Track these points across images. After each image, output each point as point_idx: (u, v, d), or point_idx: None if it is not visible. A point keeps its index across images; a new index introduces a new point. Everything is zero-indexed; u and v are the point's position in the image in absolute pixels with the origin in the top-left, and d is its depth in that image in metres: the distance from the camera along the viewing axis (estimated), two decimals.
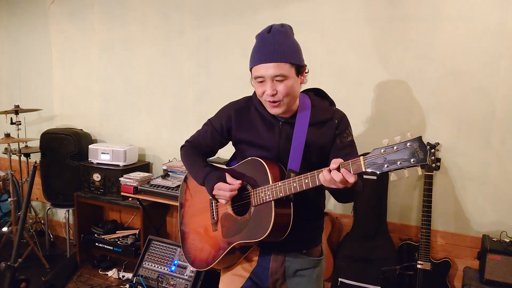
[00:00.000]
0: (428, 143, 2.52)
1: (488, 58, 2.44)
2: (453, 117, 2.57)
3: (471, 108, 2.52)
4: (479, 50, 2.46)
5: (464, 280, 2.47)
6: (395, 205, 2.78)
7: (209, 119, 1.82)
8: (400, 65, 2.66)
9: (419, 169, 1.22)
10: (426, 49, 2.58)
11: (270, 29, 1.55)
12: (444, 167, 2.60)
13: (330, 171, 1.34)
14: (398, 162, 1.21)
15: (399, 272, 2.52)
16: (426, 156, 1.17)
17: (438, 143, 2.55)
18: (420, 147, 1.18)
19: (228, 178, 1.64)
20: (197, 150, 1.82)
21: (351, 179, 1.30)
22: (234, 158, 1.86)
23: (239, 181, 1.62)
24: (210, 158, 2.78)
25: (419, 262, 2.54)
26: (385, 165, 1.23)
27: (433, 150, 2.49)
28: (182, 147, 1.87)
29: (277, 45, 1.51)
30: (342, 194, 1.53)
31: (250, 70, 1.59)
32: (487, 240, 2.44)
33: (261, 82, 1.53)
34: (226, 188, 1.61)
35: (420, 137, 1.20)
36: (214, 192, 1.65)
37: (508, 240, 2.42)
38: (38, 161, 3.25)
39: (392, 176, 1.27)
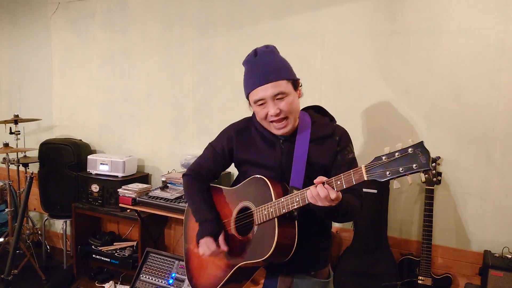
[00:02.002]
0: None
1: (489, 72, 2.44)
2: (454, 131, 2.55)
3: (471, 122, 2.51)
4: (480, 64, 2.46)
5: None
6: (396, 219, 2.76)
7: (210, 143, 1.82)
8: (401, 79, 2.66)
9: (422, 175, 1.20)
10: (426, 63, 2.58)
11: (255, 53, 1.58)
12: (444, 182, 2.58)
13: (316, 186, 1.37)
14: (401, 169, 1.18)
15: (399, 287, 2.49)
16: (428, 161, 1.14)
17: (439, 157, 2.54)
18: (422, 152, 1.15)
19: (220, 239, 1.63)
20: (200, 180, 1.81)
21: (333, 194, 1.32)
22: (237, 181, 1.82)
23: (226, 248, 1.62)
24: None
25: (420, 277, 2.50)
26: (387, 173, 1.21)
27: (434, 164, 2.48)
28: (184, 175, 1.85)
29: (268, 65, 1.53)
30: (332, 213, 1.48)
31: (247, 97, 1.60)
32: (488, 255, 2.41)
33: (261, 104, 1.53)
34: (211, 248, 1.61)
35: (422, 142, 1.17)
36: (200, 242, 1.66)
37: (510, 256, 2.39)
38: (34, 172, 3.23)
39: (395, 184, 1.25)
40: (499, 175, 2.48)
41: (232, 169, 2.01)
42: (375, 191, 2.62)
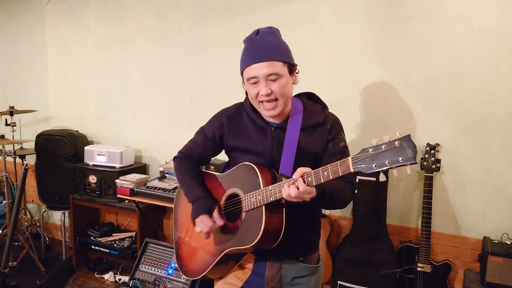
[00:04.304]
0: (428, 144, 2.50)
1: (489, 58, 2.42)
2: (454, 118, 2.54)
3: (471, 109, 2.49)
4: (480, 50, 2.43)
5: (465, 283, 2.45)
6: (395, 207, 2.75)
7: (201, 127, 1.80)
8: (400, 66, 2.64)
9: (408, 168, 1.19)
10: (425, 49, 2.56)
11: (257, 31, 1.56)
12: (444, 169, 2.58)
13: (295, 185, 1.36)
14: (387, 162, 1.18)
15: (399, 275, 2.50)
16: (414, 154, 1.14)
17: (438, 144, 2.52)
18: (409, 145, 1.15)
19: (215, 214, 1.62)
20: (190, 162, 1.80)
21: (304, 191, 1.33)
22: (227, 167, 1.83)
23: (222, 222, 1.61)
24: None
25: (419, 264, 2.50)
26: (374, 165, 1.20)
27: (433, 151, 2.47)
28: (175, 158, 1.85)
29: (267, 44, 1.51)
30: (316, 202, 1.47)
31: (242, 73, 1.58)
32: (488, 242, 2.41)
33: (254, 83, 1.52)
34: (207, 225, 1.61)
35: (409, 135, 1.16)
36: (195, 221, 1.65)
37: (509, 242, 2.39)
38: (29, 164, 3.21)
39: (381, 177, 1.26)
40: (498, 162, 2.47)
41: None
42: (374, 179, 2.61)
